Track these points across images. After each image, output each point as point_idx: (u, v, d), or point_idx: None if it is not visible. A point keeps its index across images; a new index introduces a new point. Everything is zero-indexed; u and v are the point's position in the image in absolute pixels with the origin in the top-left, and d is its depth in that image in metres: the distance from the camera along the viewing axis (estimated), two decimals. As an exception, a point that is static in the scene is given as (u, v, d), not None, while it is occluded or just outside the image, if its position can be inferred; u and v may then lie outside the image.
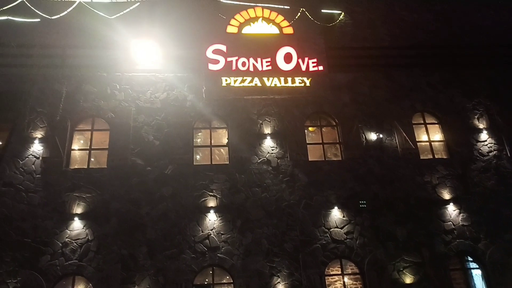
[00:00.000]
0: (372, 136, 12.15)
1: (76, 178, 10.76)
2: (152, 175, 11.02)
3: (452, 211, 11.42)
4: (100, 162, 11.44)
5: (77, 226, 10.28)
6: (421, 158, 12.11)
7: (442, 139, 12.62)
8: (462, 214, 11.41)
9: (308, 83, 12.58)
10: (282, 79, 12.51)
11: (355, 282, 10.69)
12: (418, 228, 11.10)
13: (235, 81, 12.35)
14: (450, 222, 11.30)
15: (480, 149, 12.33)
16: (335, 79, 12.78)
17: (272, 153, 11.67)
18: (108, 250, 10.11)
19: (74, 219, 10.31)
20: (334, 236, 10.86)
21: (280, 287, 10.15)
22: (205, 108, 12.04)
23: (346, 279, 10.71)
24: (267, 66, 12.60)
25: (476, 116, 12.83)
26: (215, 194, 11.01)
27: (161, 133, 11.57)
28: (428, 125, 12.82)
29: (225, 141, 12.04)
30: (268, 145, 11.75)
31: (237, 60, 12.55)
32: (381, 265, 10.64)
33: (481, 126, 12.64)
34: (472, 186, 11.78)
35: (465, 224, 11.30)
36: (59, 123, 11.27)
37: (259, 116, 12.13)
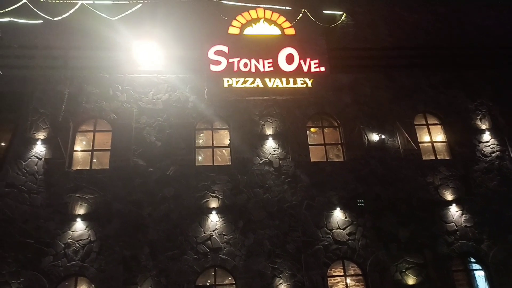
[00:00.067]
0: (374, 137, 12.14)
1: (79, 179, 10.78)
2: (154, 176, 11.03)
3: (455, 212, 11.39)
4: (102, 163, 11.46)
5: (80, 227, 10.30)
6: (423, 159, 12.09)
7: (444, 140, 12.59)
8: (465, 215, 11.37)
9: (310, 84, 12.57)
10: (284, 80, 12.51)
11: (358, 283, 10.67)
12: (421, 229, 11.07)
13: (237, 82, 12.35)
14: (453, 223, 11.27)
15: (483, 150, 12.30)
16: (337, 80, 12.77)
17: (274, 154, 11.67)
18: (110, 251, 10.13)
19: (77, 220, 10.33)
20: (336, 237, 10.85)
21: (282, 288, 10.16)
22: (207, 109, 12.05)
23: (349, 280, 10.68)
24: (269, 67, 12.60)
25: (479, 117, 12.80)
26: (217, 195, 11.01)
27: (163, 134, 11.59)
28: (430, 126, 12.80)
29: (227, 142, 12.05)
30: (270, 146, 11.75)
31: (239, 61, 12.56)
32: (384, 266, 10.61)
33: (484, 127, 12.61)
34: (475, 187, 11.75)
35: (468, 225, 11.27)
36: (62, 124, 11.30)
37: (261, 117, 12.13)
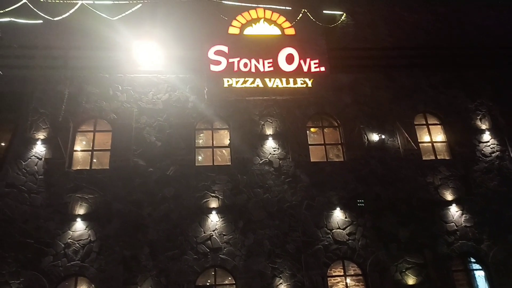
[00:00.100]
0: (374, 137, 12.14)
1: (79, 179, 10.78)
2: (154, 176, 11.03)
3: (455, 212, 11.39)
4: (102, 163, 11.46)
5: (80, 227, 10.30)
6: (423, 159, 12.09)
7: (445, 140, 12.59)
8: (465, 215, 11.37)
9: (310, 84, 12.57)
10: (284, 80, 12.51)
11: (358, 283, 10.67)
12: (421, 229, 11.07)
13: (237, 82, 12.35)
14: (453, 223, 11.27)
15: (483, 150, 12.30)
16: (337, 80, 12.77)
17: (274, 154, 11.67)
18: (110, 251, 10.13)
19: (77, 220, 10.33)
20: (336, 237, 10.85)
21: (282, 288, 10.16)
22: (207, 109, 12.05)
23: (349, 280, 10.68)
24: (269, 67, 12.60)
25: (479, 117, 12.80)
26: (217, 195, 11.01)
27: (163, 134, 11.59)
28: (430, 126, 12.80)
29: (227, 142, 12.05)
30: (270, 146, 11.75)
31: (239, 61, 12.55)
32: (384, 266, 10.61)
33: (484, 127, 12.61)
34: (475, 187, 11.75)
35: (468, 225, 11.27)
36: (62, 124, 11.30)
37: (261, 117, 12.13)
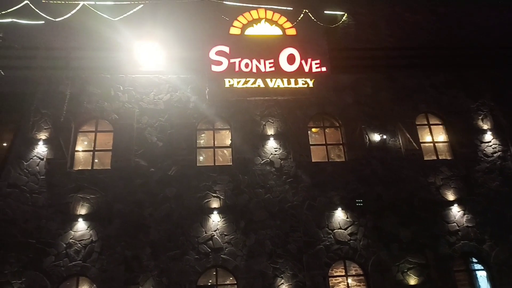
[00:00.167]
0: (376, 137, 12.13)
1: (80, 179, 10.80)
2: (156, 176, 11.05)
3: (457, 212, 11.37)
4: (104, 164, 11.48)
5: (81, 227, 10.31)
6: (425, 159, 12.08)
7: (446, 140, 12.58)
8: (467, 215, 11.35)
9: (311, 84, 12.57)
10: (285, 80, 12.51)
11: (359, 284, 10.66)
12: (422, 230, 11.06)
13: (238, 83, 12.36)
14: (455, 223, 11.25)
15: (484, 150, 12.28)
16: (338, 80, 12.77)
17: (275, 154, 11.67)
18: (112, 251, 10.14)
19: (78, 220, 10.35)
20: (338, 237, 10.84)
21: (284, 289, 10.15)
22: (208, 110, 12.06)
23: (350, 281, 10.67)
24: (270, 67, 12.60)
25: (480, 117, 12.78)
26: (219, 195, 11.01)
27: (165, 135, 11.60)
28: (432, 126, 12.78)
29: (228, 142, 12.05)
30: (271, 146, 11.75)
31: (240, 62, 12.56)
32: (385, 267, 10.60)
33: (485, 127, 12.59)
34: (477, 187, 11.73)
35: (470, 226, 11.25)
36: (63, 125, 11.32)
37: (262, 117, 12.14)
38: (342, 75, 12.86)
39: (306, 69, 12.72)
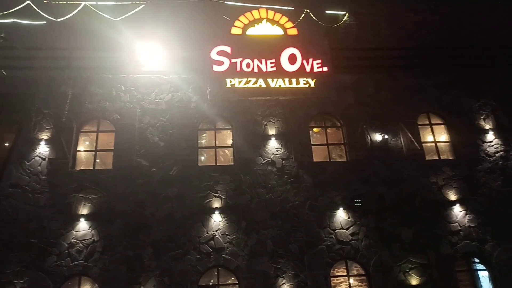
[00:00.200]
0: (377, 137, 12.11)
1: (82, 179, 10.81)
2: (157, 176, 11.05)
3: (458, 212, 11.34)
4: (106, 163, 11.49)
5: (83, 227, 10.32)
6: (427, 159, 12.05)
7: (448, 140, 12.55)
8: (469, 215, 11.33)
9: (313, 84, 12.56)
10: (287, 80, 12.50)
11: (361, 284, 10.64)
12: (424, 230, 11.03)
13: (240, 82, 12.36)
14: (456, 223, 11.22)
15: (486, 150, 12.25)
16: (340, 80, 12.75)
17: (277, 154, 11.67)
18: (114, 251, 10.15)
19: (80, 220, 10.36)
20: (340, 237, 10.83)
21: (285, 289, 10.15)
22: (210, 110, 12.06)
23: (352, 281, 10.66)
24: (272, 67, 12.60)
25: (482, 117, 12.74)
26: (220, 195, 11.02)
27: (166, 134, 11.61)
28: (434, 126, 12.75)
29: (230, 142, 12.05)
30: (273, 146, 11.74)
31: (242, 61, 12.56)
32: (387, 267, 10.59)
33: (487, 127, 12.56)
34: (479, 187, 11.70)
35: (472, 226, 11.22)
36: (65, 125, 11.34)
37: (264, 117, 12.13)
38: (344, 75, 12.84)
39: (308, 69, 12.71)
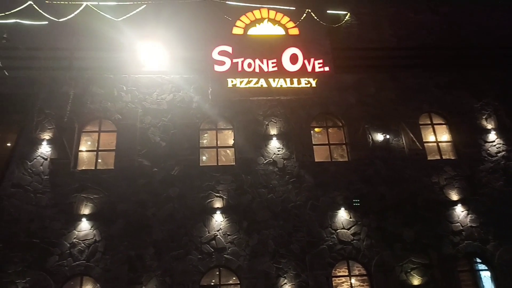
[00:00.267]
0: (379, 137, 12.09)
1: (84, 179, 10.83)
2: (159, 176, 11.06)
3: (460, 212, 11.32)
4: (107, 163, 11.51)
5: (85, 227, 10.34)
6: (429, 159, 12.03)
7: (450, 140, 12.52)
8: (470, 215, 11.30)
9: (314, 84, 12.55)
10: (288, 80, 12.50)
11: (362, 284, 10.63)
12: (426, 230, 11.02)
13: (241, 82, 12.36)
14: (458, 223, 11.20)
15: (488, 150, 12.22)
16: (341, 80, 12.74)
17: (278, 154, 11.66)
18: (115, 251, 10.16)
19: (82, 220, 10.38)
20: (341, 237, 10.82)
21: (287, 288, 10.15)
22: (211, 110, 12.06)
23: (353, 281, 10.65)
24: (273, 67, 12.59)
25: (484, 117, 12.71)
26: (221, 195, 11.02)
27: (168, 134, 11.62)
28: (436, 126, 12.73)
29: (231, 142, 12.06)
30: (274, 146, 11.74)
31: (243, 61, 12.56)
32: (389, 267, 10.57)
33: (489, 127, 12.53)
34: (480, 187, 11.68)
35: (474, 226, 11.20)
36: (67, 125, 11.36)
37: (265, 117, 12.13)
38: (345, 75, 12.83)
39: (309, 69, 12.70)
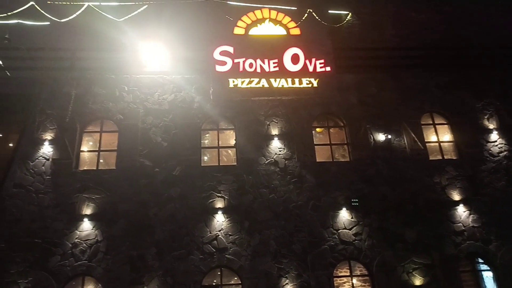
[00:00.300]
0: (380, 137, 12.08)
1: (85, 180, 10.85)
2: (160, 176, 11.07)
3: (462, 212, 11.30)
4: (109, 164, 11.53)
5: (87, 227, 10.36)
6: (430, 159, 12.01)
7: (452, 140, 12.50)
8: (472, 216, 11.28)
9: (316, 84, 12.53)
10: (289, 80, 12.48)
11: (364, 284, 10.63)
12: (428, 230, 11.00)
13: (242, 83, 12.35)
14: (460, 224, 11.18)
15: (490, 150, 12.20)
16: (343, 80, 12.73)
17: (280, 154, 11.66)
18: (117, 251, 10.18)
19: (84, 220, 10.39)
20: (343, 238, 10.81)
21: (288, 289, 10.14)
22: (213, 110, 12.07)
23: (355, 281, 10.65)
24: (274, 67, 12.59)
25: (486, 117, 12.68)
26: (223, 195, 11.02)
27: (169, 135, 11.63)
28: (437, 126, 12.71)
29: (233, 142, 12.06)
30: (276, 146, 11.74)
31: (244, 62, 12.55)
32: (390, 267, 10.56)
33: (491, 127, 12.50)
34: (482, 187, 11.65)
35: (475, 226, 11.18)
36: (69, 125, 11.38)
37: (267, 117, 12.13)
38: (347, 75, 12.82)
39: (311, 69, 12.69)
